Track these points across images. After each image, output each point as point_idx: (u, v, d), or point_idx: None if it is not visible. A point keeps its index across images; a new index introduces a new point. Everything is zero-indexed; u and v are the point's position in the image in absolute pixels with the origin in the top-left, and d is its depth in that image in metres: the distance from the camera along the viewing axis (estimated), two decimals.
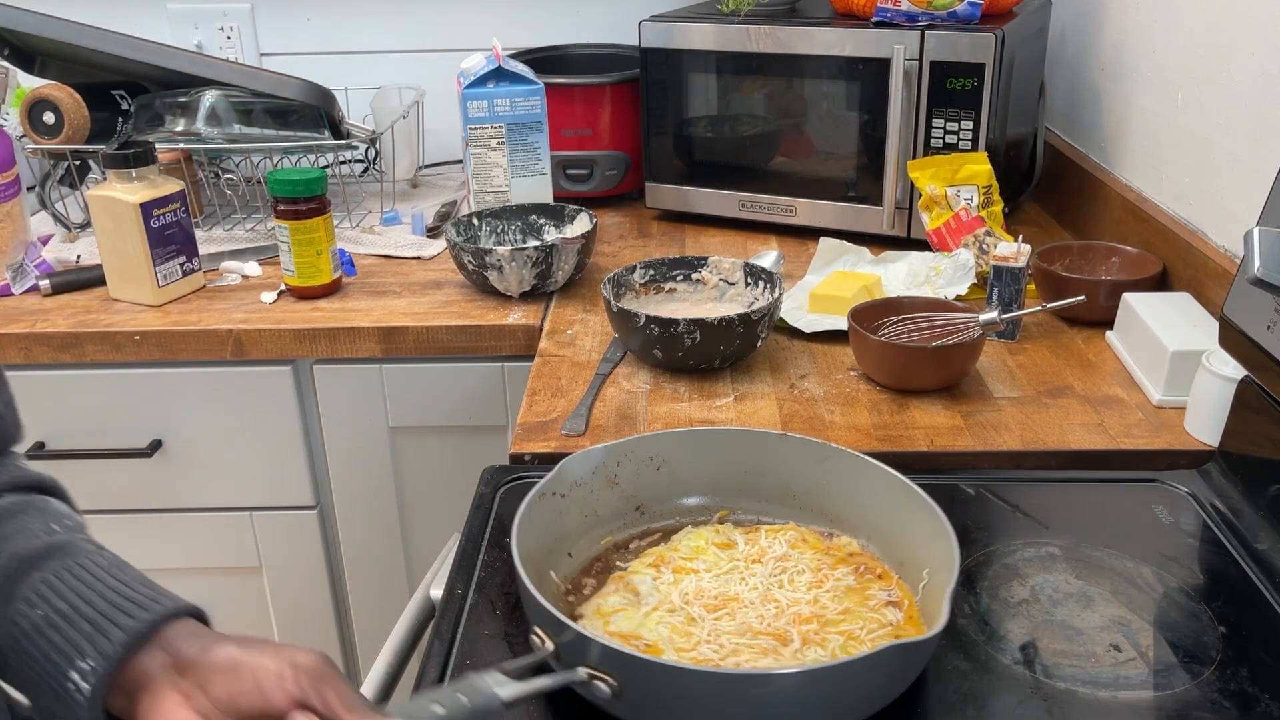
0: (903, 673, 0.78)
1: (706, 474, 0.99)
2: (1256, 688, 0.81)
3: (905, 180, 1.58)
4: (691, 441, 0.99)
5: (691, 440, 0.99)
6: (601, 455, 0.96)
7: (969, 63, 1.50)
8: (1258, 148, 1.23)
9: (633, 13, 1.77)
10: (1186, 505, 1.04)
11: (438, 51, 2.05)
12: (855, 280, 1.41)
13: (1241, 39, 1.26)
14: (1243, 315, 0.99)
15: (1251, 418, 1.03)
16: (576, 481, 0.94)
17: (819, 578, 0.88)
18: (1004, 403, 1.20)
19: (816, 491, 0.98)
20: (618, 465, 0.97)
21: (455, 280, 1.57)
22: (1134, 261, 1.43)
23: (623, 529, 0.97)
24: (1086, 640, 0.86)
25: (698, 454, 0.99)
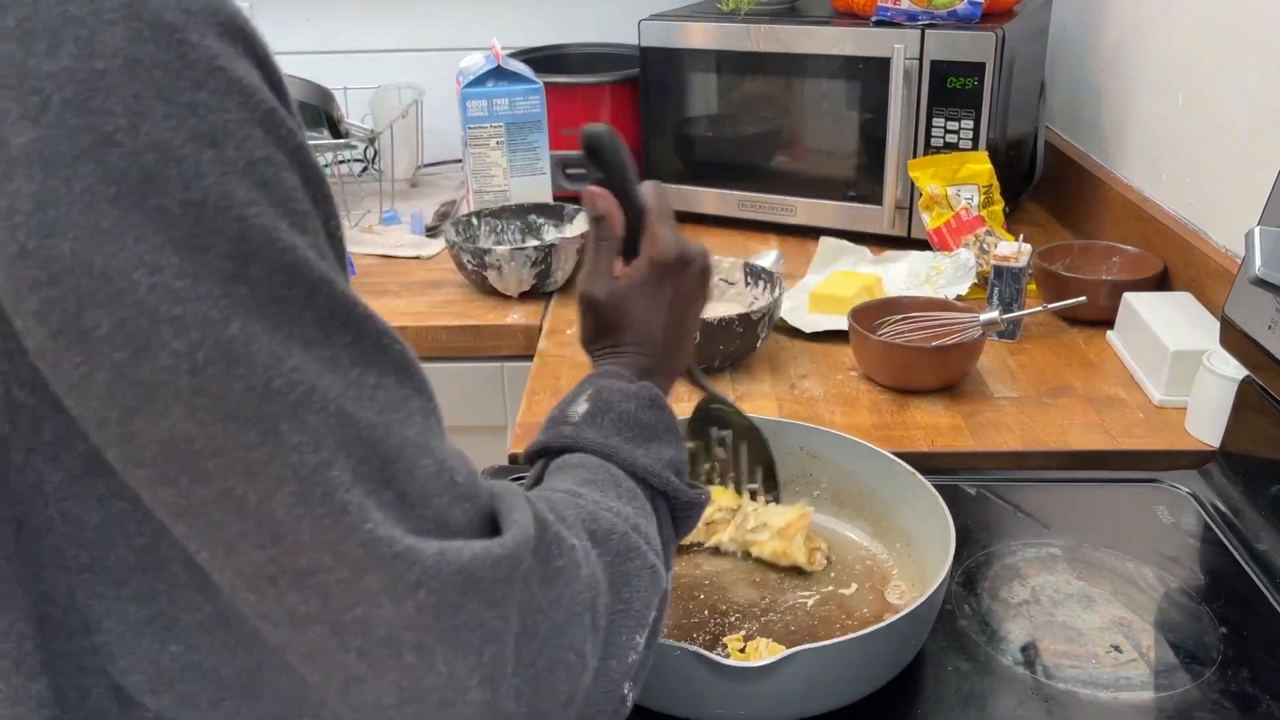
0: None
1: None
2: (1257, 688, 0.80)
3: (905, 180, 1.58)
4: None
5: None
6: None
7: (969, 62, 1.49)
8: (1258, 147, 1.23)
9: (632, 12, 1.76)
10: (1187, 505, 1.04)
11: (437, 51, 2.04)
12: (855, 280, 1.41)
13: (1242, 38, 1.26)
14: (1243, 315, 0.99)
15: (1252, 418, 1.03)
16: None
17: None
18: (1004, 403, 1.20)
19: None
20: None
21: (454, 280, 1.57)
22: (1134, 261, 1.43)
23: None
24: (1087, 641, 0.86)
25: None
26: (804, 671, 0.73)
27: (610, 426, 0.65)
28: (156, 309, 0.39)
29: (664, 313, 0.73)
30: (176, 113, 0.40)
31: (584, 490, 0.59)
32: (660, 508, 0.64)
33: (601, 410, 0.65)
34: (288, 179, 0.43)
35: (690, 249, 0.74)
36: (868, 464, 0.97)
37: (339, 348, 0.43)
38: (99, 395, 0.40)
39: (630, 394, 0.67)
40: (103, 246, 0.38)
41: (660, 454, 0.65)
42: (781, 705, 0.75)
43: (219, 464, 0.41)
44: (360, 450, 0.43)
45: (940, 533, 0.86)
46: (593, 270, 0.74)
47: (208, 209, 0.40)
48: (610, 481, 0.61)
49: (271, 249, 0.41)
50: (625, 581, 0.55)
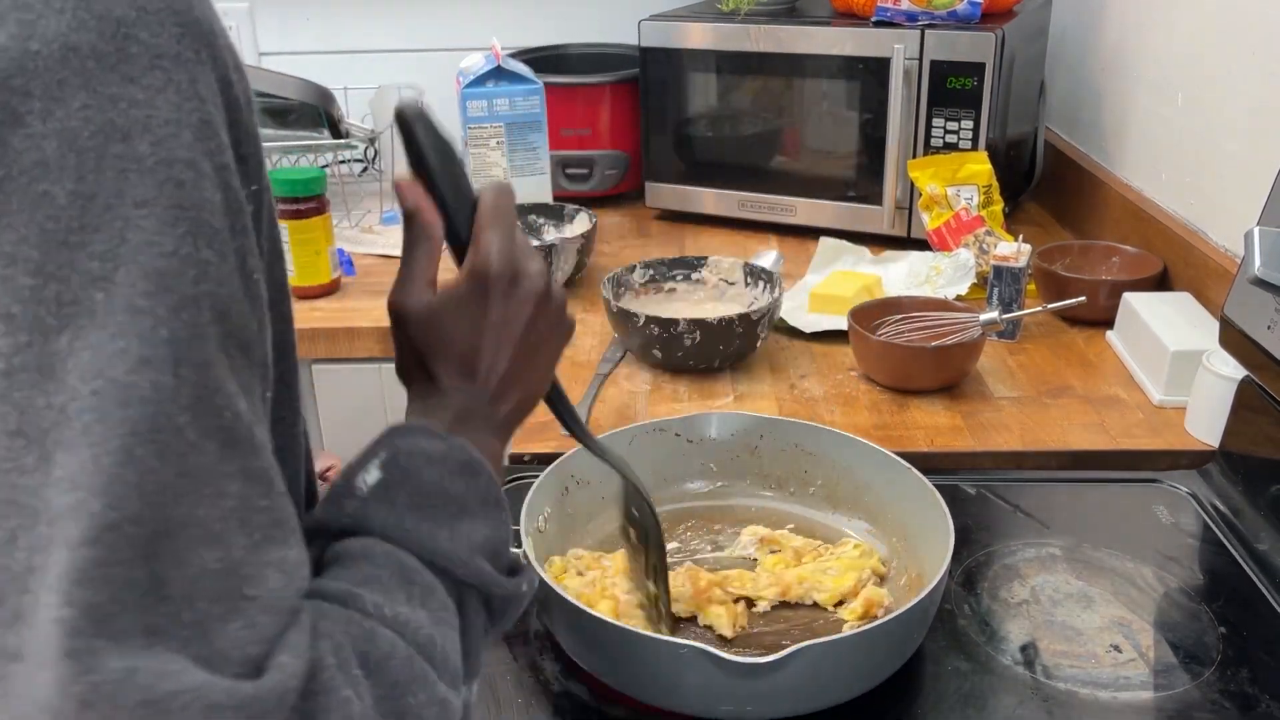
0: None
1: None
2: (1257, 688, 0.80)
3: (905, 180, 1.58)
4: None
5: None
6: (747, 423, 1.03)
7: (969, 62, 1.50)
8: (1258, 147, 1.23)
9: (632, 12, 1.76)
10: (1187, 505, 1.04)
11: (437, 51, 2.04)
12: (855, 280, 1.41)
13: (1242, 38, 1.26)
14: (1243, 315, 0.99)
15: (1252, 418, 1.03)
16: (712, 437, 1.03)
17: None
18: (1004, 403, 1.20)
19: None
20: (760, 439, 1.02)
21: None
22: (1134, 261, 1.43)
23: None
24: (1087, 641, 0.86)
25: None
26: (809, 667, 0.73)
27: (405, 502, 0.52)
28: (1, 303, 0.37)
29: (488, 339, 0.60)
30: (95, 103, 0.38)
31: (362, 592, 0.48)
32: (470, 603, 0.53)
33: (397, 481, 0.53)
34: (203, 191, 0.40)
35: (524, 264, 0.61)
36: (863, 460, 0.98)
37: (181, 384, 0.39)
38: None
39: (435, 458, 0.54)
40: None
41: (470, 535, 0.53)
42: (785, 701, 0.76)
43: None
44: (130, 505, 0.37)
45: (938, 525, 0.86)
46: (403, 277, 0.60)
47: (95, 203, 0.38)
48: (398, 580, 0.50)
49: (146, 252, 0.38)
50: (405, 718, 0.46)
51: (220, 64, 0.43)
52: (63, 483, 0.37)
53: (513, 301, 0.60)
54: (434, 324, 0.59)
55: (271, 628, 0.40)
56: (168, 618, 0.37)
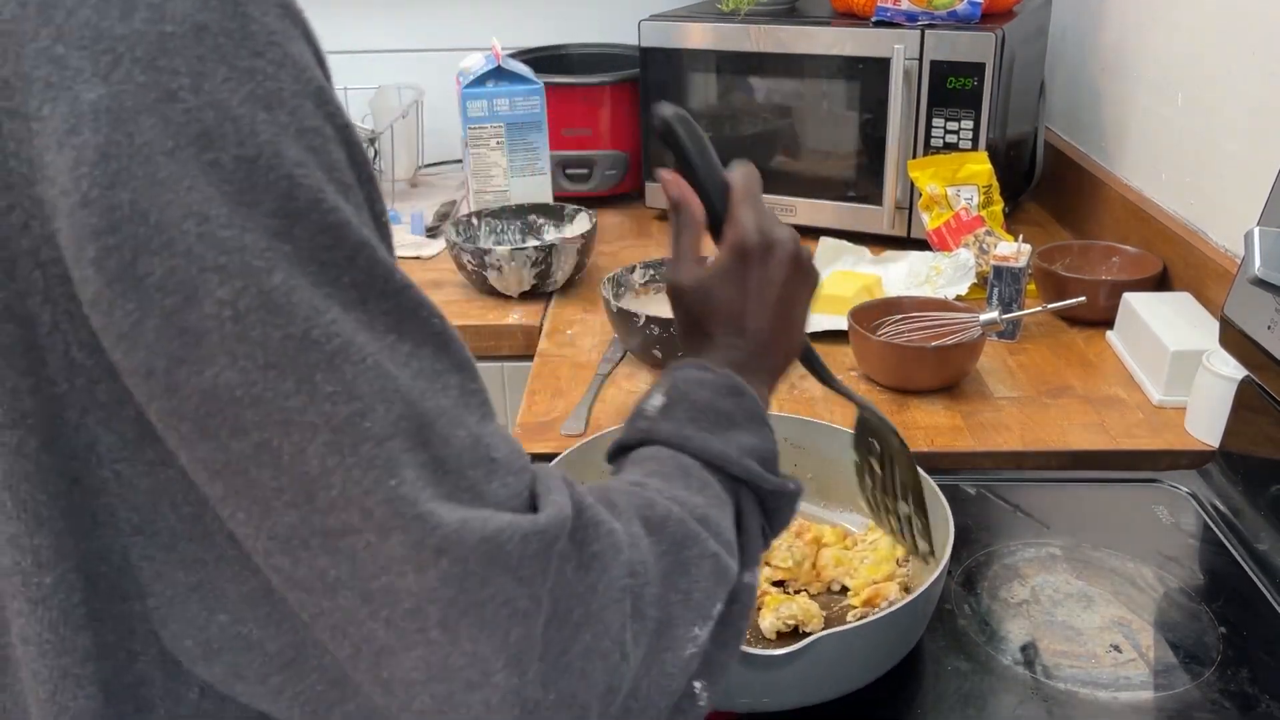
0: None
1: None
2: (1257, 688, 0.80)
3: (905, 180, 1.58)
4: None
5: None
6: None
7: (969, 62, 1.49)
8: (1258, 147, 1.23)
9: (632, 12, 1.76)
10: (1187, 505, 1.04)
11: (437, 51, 2.04)
12: (855, 280, 1.41)
13: (1242, 38, 1.26)
14: (1243, 315, 0.99)
15: (1252, 418, 1.03)
16: None
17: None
18: (1004, 403, 1.20)
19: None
20: None
21: (455, 280, 1.57)
22: (1134, 261, 1.43)
23: None
24: (1087, 641, 0.86)
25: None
26: (823, 657, 0.74)
27: (684, 416, 0.62)
28: (204, 257, 0.40)
29: (752, 301, 0.69)
30: (236, 75, 0.42)
31: (649, 480, 0.58)
32: (745, 498, 0.61)
33: (676, 401, 0.63)
34: (335, 151, 0.44)
35: (776, 233, 0.70)
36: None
37: (376, 314, 0.44)
38: (148, 344, 0.41)
39: (706, 382, 0.64)
40: (158, 196, 0.40)
41: (740, 441, 0.62)
42: (795, 691, 0.76)
43: (257, 414, 0.41)
44: (396, 406, 0.43)
45: (936, 514, 0.86)
46: (676, 258, 0.70)
47: (259, 165, 0.41)
48: (679, 472, 0.59)
49: (317, 209, 0.42)
50: (682, 570, 0.53)
51: (312, 38, 0.47)
52: (337, 396, 0.42)
53: (769, 266, 0.69)
54: (706, 294, 0.69)
55: (519, 484, 0.47)
56: (454, 486, 0.44)
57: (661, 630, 0.51)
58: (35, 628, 0.46)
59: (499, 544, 0.43)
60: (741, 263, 0.69)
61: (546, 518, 0.45)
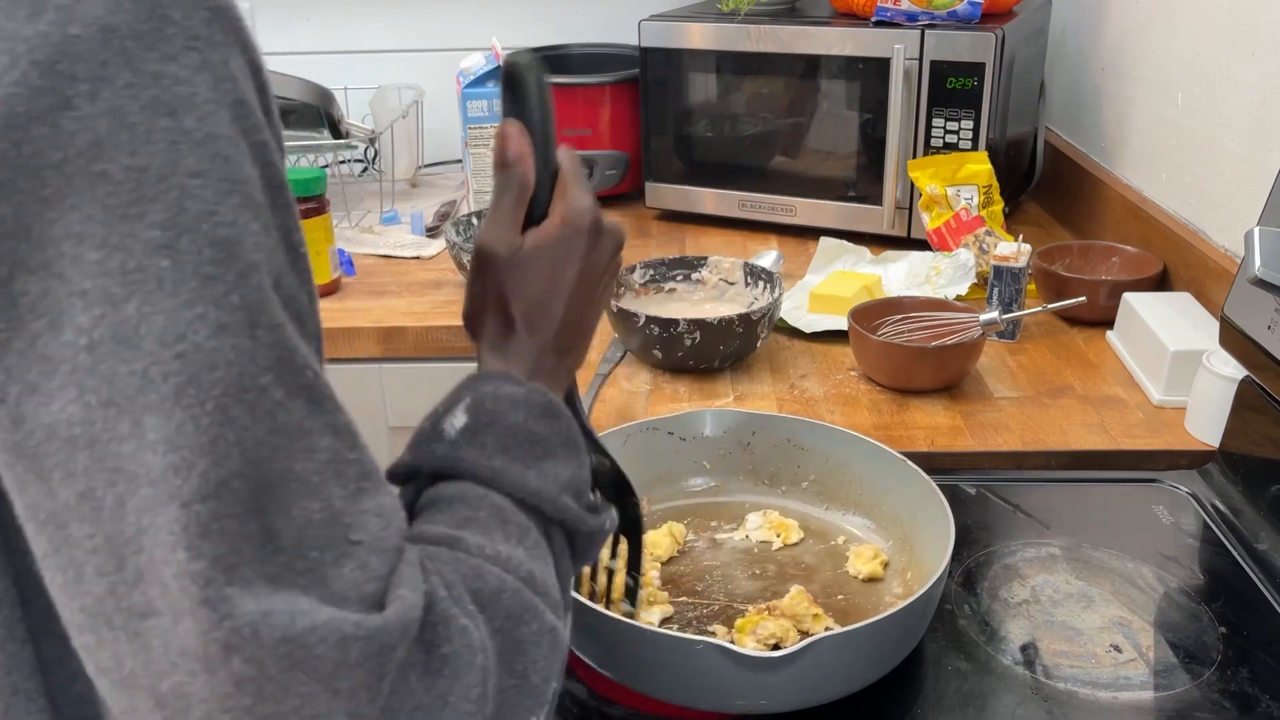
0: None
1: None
2: (1257, 688, 0.80)
3: (905, 180, 1.58)
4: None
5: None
6: (739, 420, 1.03)
7: (969, 62, 1.50)
8: (1258, 147, 1.23)
9: (633, 12, 1.76)
10: (1187, 505, 1.04)
11: (437, 51, 2.05)
12: (855, 280, 1.41)
13: (1242, 38, 1.26)
14: (1243, 315, 0.99)
15: (1252, 418, 1.03)
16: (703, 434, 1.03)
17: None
18: (1004, 403, 1.20)
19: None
20: (752, 435, 1.03)
21: (455, 280, 1.57)
22: (1134, 261, 1.43)
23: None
24: (1087, 641, 0.86)
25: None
26: (822, 659, 0.74)
27: (494, 444, 0.54)
28: (72, 280, 0.38)
29: (567, 288, 0.62)
30: (140, 80, 0.39)
31: (463, 535, 0.50)
32: (556, 540, 0.55)
33: (483, 424, 0.55)
34: (245, 167, 0.42)
35: (607, 220, 0.65)
36: (856, 454, 0.98)
37: (260, 345, 0.40)
38: (9, 367, 0.39)
39: (518, 401, 0.56)
40: (42, 213, 0.38)
41: (555, 474, 0.55)
42: (795, 693, 0.76)
43: (89, 457, 0.38)
44: (233, 462, 0.39)
45: (936, 514, 0.87)
46: (494, 221, 0.61)
47: (149, 174, 0.39)
48: (495, 520, 0.52)
49: (207, 221, 0.40)
50: (519, 651, 0.47)
51: (248, 49, 0.44)
52: (159, 445, 0.38)
53: (597, 251, 0.64)
54: (522, 267, 0.61)
55: (382, 567, 0.42)
56: (284, 566, 0.39)
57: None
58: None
59: (305, 646, 0.38)
60: (571, 241, 0.62)
61: (383, 619, 0.40)
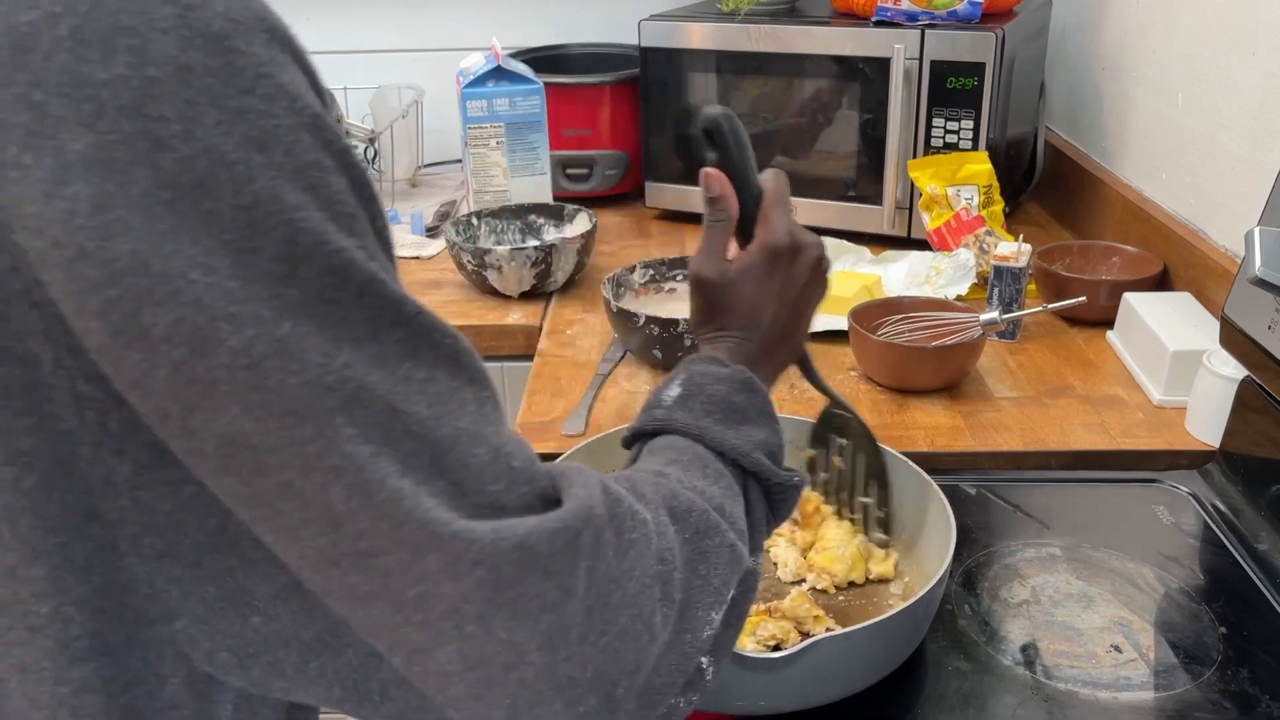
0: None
1: None
2: (1258, 688, 0.80)
3: (905, 180, 1.58)
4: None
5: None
6: None
7: (969, 62, 1.49)
8: (1258, 147, 1.23)
9: (632, 12, 1.76)
10: (1187, 505, 1.04)
11: (437, 51, 2.05)
12: (855, 280, 1.41)
13: (1242, 38, 1.26)
14: (1243, 315, 0.99)
15: (1252, 418, 1.03)
16: None
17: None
18: (1004, 403, 1.20)
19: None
20: None
21: (454, 280, 1.57)
22: (1134, 261, 1.43)
23: None
24: (1087, 641, 0.86)
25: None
26: (823, 659, 0.74)
27: (700, 408, 0.65)
28: (212, 308, 0.40)
29: (773, 300, 0.73)
30: (227, 118, 0.41)
31: (669, 470, 0.61)
32: (752, 489, 0.65)
33: (693, 393, 0.66)
34: (335, 182, 0.44)
35: (804, 238, 0.74)
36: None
37: (389, 344, 0.44)
38: (159, 392, 0.41)
39: (722, 377, 0.67)
40: (160, 248, 0.40)
41: (752, 435, 0.65)
42: (795, 694, 0.76)
43: (276, 458, 0.42)
44: (409, 443, 0.44)
45: (937, 514, 0.87)
46: (705, 251, 0.74)
47: (258, 213, 0.41)
48: (697, 462, 0.62)
49: (320, 251, 0.42)
50: (703, 558, 0.56)
51: (303, 61, 0.45)
52: (356, 439, 0.43)
53: (794, 268, 0.73)
54: (729, 288, 0.72)
55: (535, 485, 0.49)
56: (475, 504, 0.46)
57: (684, 612, 0.54)
58: (33, 655, 0.47)
59: (529, 546, 0.45)
60: (770, 262, 0.73)
61: (569, 513, 0.48)
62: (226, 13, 0.42)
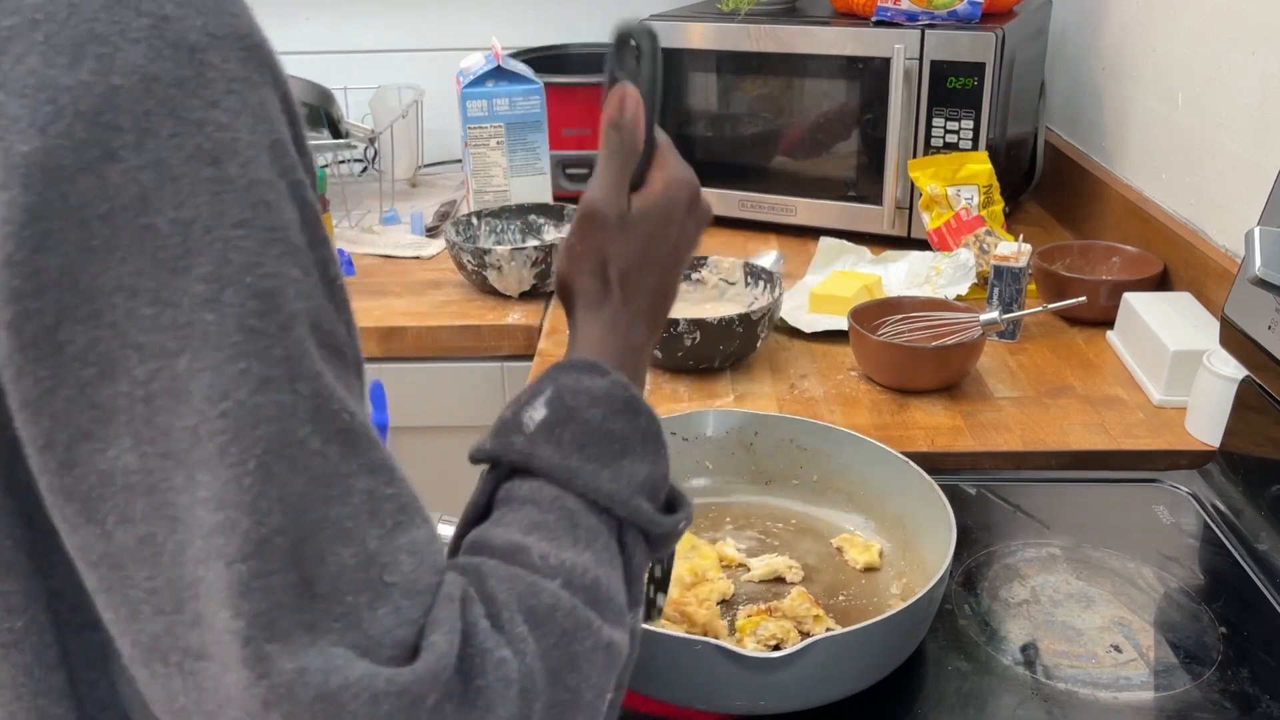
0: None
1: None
2: (1258, 688, 0.80)
3: (905, 180, 1.58)
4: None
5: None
6: (742, 420, 1.04)
7: (969, 62, 1.49)
8: (1258, 147, 1.23)
9: (632, 12, 1.77)
10: (1187, 505, 1.04)
11: (437, 51, 2.05)
12: (855, 280, 1.41)
13: (1242, 38, 1.26)
14: (1243, 315, 0.99)
15: (1252, 418, 1.03)
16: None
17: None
18: (1004, 403, 1.20)
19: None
20: (755, 435, 1.03)
21: (454, 280, 1.57)
22: (1135, 261, 1.43)
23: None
24: (1087, 641, 0.86)
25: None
26: (822, 660, 0.74)
27: (570, 441, 0.55)
28: (126, 333, 0.39)
29: (664, 254, 0.63)
30: (183, 130, 0.40)
31: (529, 541, 0.51)
32: (630, 537, 0.56)
33: (561, 420, 0.55)
34: (286, 211, 0.42)
35: (697, 182, 0.66)
36: (857, 454, 0.98)
37: (299, 396, 0.41)
38: (54, 413, 0.40)
39: (598, 396, 0.56)
40: (89, 265, 0.39)
41: (631, 473, 0.56)
42: (795, 694, 0.76)
43: (148, 504, 0.40)
44: (275, 518, 0.40)
45: (937, 514, 0.87)
46: (605, 184, 0.63)
47: (195, 228, 0.40)
48: (564, 523, 0.53)
49: (252, 273, 0.40)
50: (571, 667, 0.48)
51: (280, 83, 0.44)
52: (209, 502, 0.39)
53: (693, 217, 0.65)
54: (626, 230, 0.62)
55: (415, 609, 0.43)
56: (322, 614, 0.40)
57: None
58: (10, 671, 0.46)
59: (339, 704, 0.39)
60: (672, 207, 0.64)
61: (413, 675, 0.41)
62: (205, 27, 0.41)
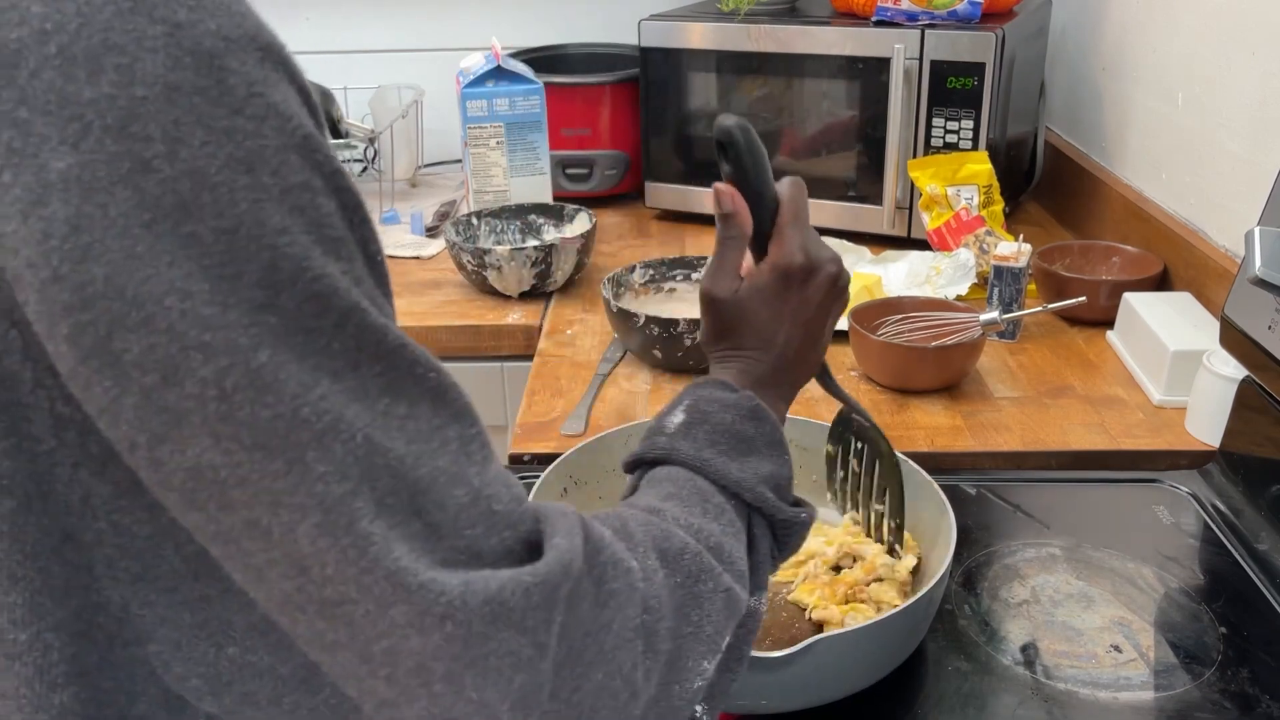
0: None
1: None
2: (1258, 688, 0.80)
3: (905, 180, 1.58)
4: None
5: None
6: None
7: (969, 62, 1.49)
8: (1258, 147, 1.23)
9: (632, 12, 1.76)
10: (1187, 505, 1.04)
11: (437, 51, 2.05)
12: (855, 280, 1.41)
13: (1242, 38, 1.26)
14: (1243, 315, 0.99)
15: (1252, 418, 1.03)
16: None
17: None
18: (1004, 403, 1.20)
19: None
20: None
21: (454, 280, 1.57)
22: (1135, 261, 1.43)
23: None
24: (1087, 641, 0.86)
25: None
26: (823, 659, 0.74)
27: (704, 438, 0.63)
28: (186, 335, 0.39)
29: (786, 320, 0.70)
30: (214, 139, 0.40)
31: (665, 506, 0.58)
32: (756, 525, 0.62)
33: (697, 421, 0.64)
34: (324, 204, 0.43)
35: (819, 255, 0.71)
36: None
37: (368, 378, 0.43)
38: (128, 420, 0.40)
39: (728, 404, 0.65)
40: (135, 272, 0.39)
41: (757, 468, 0.63)
42: (797, 693, 0.76)
43: (244, 493, 0.41)
44: (387, 481, 0.43)
45: (938, 514, 0.87)
46: (716, 268, 0.70)
47: (240, 236, 0.40)
48: (697, 496, 0.60)
49: (302, 278, 0.41)
50: (695, 603, 0.54)
51: (296, 77, 0.45)
52: (327, 476, 0.41)
53: (809, 289, 0.70)
54: (742, 309, 0.70)
55: (518, 532, 0.47)
56: (449, 550, 0.44)
57: (672, 663, 0.52)
58: (12, 683, 0.46)
59: (502, 602, 0.43)
60: (783, 283, 0.70)
61: (547, 567, 0.45)
62: (219, 31, 0.41)
